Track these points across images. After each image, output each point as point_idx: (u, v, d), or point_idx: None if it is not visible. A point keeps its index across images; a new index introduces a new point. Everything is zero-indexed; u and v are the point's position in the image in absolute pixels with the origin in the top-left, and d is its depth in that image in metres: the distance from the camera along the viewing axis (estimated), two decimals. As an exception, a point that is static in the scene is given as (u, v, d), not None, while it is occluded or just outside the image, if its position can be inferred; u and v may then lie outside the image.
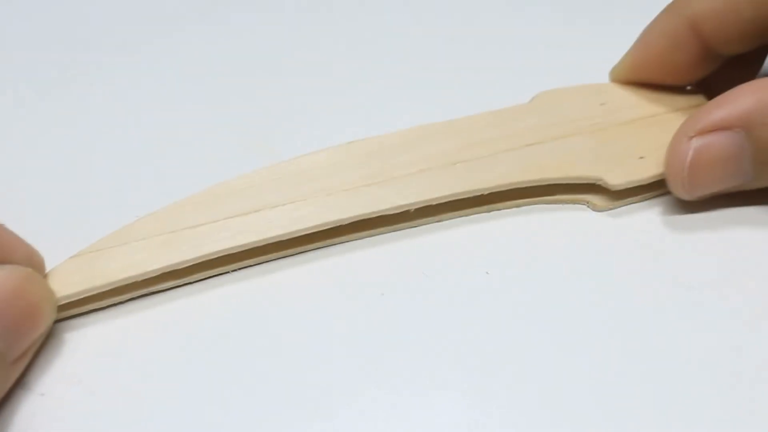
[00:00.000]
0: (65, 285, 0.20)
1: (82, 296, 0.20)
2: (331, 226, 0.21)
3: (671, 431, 0.18)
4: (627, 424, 0.18)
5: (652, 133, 0.23)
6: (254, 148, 0.26)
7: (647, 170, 0.23)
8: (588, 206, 0.23)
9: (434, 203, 0.22)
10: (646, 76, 0.25)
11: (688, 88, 0.25)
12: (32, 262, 0.19)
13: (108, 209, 0.23)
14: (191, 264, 0.21)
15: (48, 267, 0.20)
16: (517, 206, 0.23)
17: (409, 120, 0.26)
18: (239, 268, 0.22)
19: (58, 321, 0.20)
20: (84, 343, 0.20)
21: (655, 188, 0.23)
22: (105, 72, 0.29)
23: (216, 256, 0.21)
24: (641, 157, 0.23)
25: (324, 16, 0.32)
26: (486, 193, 0.22)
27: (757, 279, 0.21)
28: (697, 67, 0.24)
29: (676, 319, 0.20)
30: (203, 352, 0.20)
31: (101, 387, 0.19)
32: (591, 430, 0.18)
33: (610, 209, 0.23)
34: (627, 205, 0.23)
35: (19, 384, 0.19)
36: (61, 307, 0.20)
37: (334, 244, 0.22)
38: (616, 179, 0.22)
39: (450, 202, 0.22)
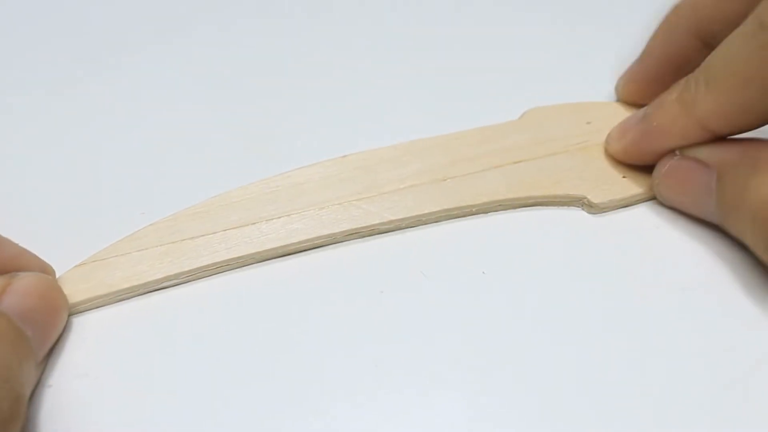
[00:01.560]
0: (70, 293, 0.21)
1: (85, 305, 0.21)
2: (324, 240, 0.22)
3: (668, 430, 0.18)
4: (625, 423, 0.18)
5: (635, 152, 0.24)
6: (257, 152, 0.26)
7: (629, 189, 0.24)
8: (583, 208, 0.24)
9: (424, 219, 0.23)
10: None
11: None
12: (47, 272, 0.20)
13: (112, 212, 0.24)
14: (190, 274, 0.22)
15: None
16: (513, 208, 0.24)
17: (403, 124, 0.26)
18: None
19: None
20: (90, 336, 0.21)
21: (647, 191, 0.24)
22: (107, 77, 0.30)
23: (214, 267, 0.22)
24: (624, 176, 0.24)
25: (325, 26, 0.32)
26: (474, 209, 0.23)
27: (753, 280, 0.21)
28: None
29: (671, 319, 0.21)
30: (204, 344, 0.20)
31: (108, 379, 0.20)
32: (589, 429, 0.18)
33: (605, 211, 0.24)
34: (621, 207, 0.24)
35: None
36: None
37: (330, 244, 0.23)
38: (599, 197, 0.23)
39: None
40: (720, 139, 0.21)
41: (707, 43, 0.23)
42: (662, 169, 0.23)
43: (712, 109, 0.20)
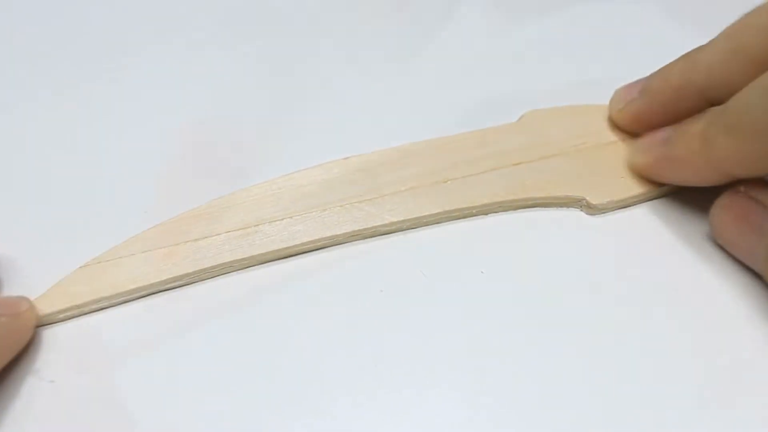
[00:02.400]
0: (75, 294, 0.21)
1: (90, 306, 0.21)
2: (326, 241, 0.23)
3: (666, 428, 0.19)
4: (624, 423, 0.19)
5: (633, 154, 0.25)
6: (259, 153, 0.26)
7: (627, 190, 0.24)
8: (582, 209, 0.24)
9: (424, 220, 0.23)
10: None
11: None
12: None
13: (115, 213, 0.24)
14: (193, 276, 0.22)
15: (57, 273, 0.22)
16: (513, 209, 0.24)
17: (404, 126, 0.27)
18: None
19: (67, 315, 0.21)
20: (94, 335, 0.21)
21: (646, 192, 0.24)
22: (111, 78, 0.30)
23: (217, 269, 0.22)
24: (622, 177, 0.24)
25: (326, 27, 0.33)
26: (474, 211, 0.24)
27: (747, 281, 0.22)
28: None
29: (669, 319, 0.21)
30: (206, 344, 0.21)
31: (110, 377, 0.20)
32: (589, 428, 0.19)
33: (604, 212, 0.24)
34: (620, 208, 0.24)
35: (30, 372, 0.20)
36: (71, 309, 0.21)
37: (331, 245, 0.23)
38: (597, 198, 0.23)
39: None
40: None
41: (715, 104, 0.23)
42: (722, 201, 0.22)
43: (728, 155, 0.20)
